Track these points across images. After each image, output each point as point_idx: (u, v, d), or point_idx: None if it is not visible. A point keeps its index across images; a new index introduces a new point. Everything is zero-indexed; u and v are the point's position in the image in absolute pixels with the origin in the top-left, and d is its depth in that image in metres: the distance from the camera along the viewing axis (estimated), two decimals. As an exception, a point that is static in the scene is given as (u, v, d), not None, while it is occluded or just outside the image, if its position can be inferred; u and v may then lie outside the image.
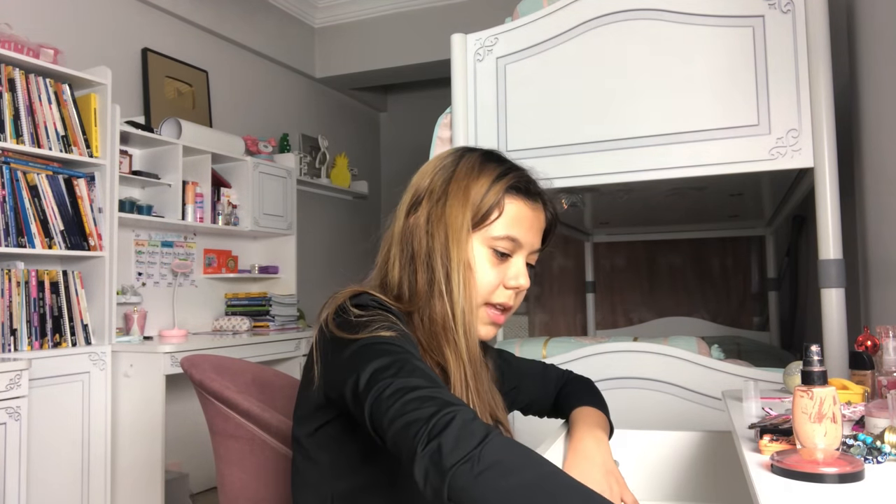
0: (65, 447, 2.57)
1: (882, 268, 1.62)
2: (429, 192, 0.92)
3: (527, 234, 0.92)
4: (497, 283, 0.90)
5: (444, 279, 0.87)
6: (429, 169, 0.96)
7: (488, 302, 0.91)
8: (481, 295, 0.90)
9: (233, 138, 3.69)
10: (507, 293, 0.91)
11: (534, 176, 0.98)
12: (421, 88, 5.35)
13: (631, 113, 1.85)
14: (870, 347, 1.12)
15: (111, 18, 3.33)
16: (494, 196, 0.90)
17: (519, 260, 0.92)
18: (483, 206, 0.90)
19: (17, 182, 2.53)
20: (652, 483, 1.34)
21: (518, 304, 0.93)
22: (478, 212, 0.90)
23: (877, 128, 1.65)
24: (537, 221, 0.94)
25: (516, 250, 0.91)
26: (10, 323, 2.49)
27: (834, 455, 0.70)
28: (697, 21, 1.79)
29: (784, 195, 2.44)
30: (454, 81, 2.07)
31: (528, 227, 0.92)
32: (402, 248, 0.92)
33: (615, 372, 1.91)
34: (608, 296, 4.36)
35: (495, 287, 0.90)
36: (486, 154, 0.96)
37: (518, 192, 0.92)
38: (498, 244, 0.90)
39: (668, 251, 4.25)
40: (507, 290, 0.91)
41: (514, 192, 0.92)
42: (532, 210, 0.93)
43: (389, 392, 0.68)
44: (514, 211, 0.91)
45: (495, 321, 0.92)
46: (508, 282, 0.91)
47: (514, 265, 0.91)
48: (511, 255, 0.91)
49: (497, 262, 0.90)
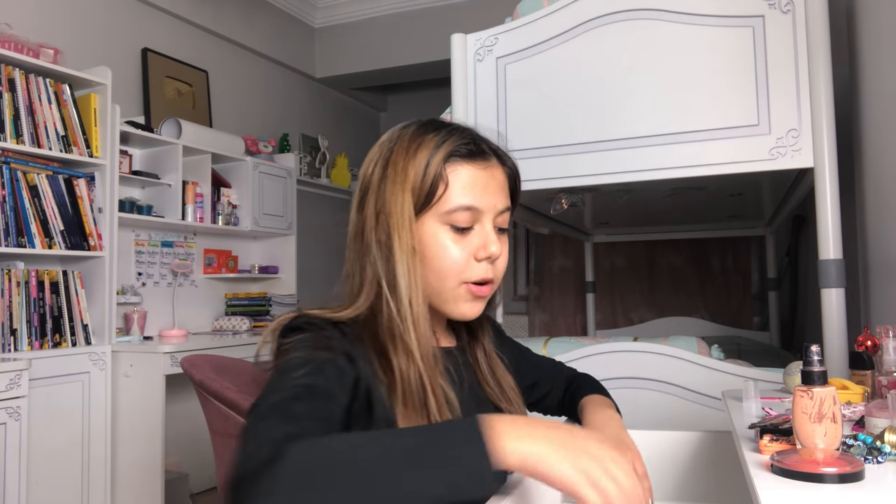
0: (65, 447, 2.57)
1: (882, 268, 1.62)
2: (370, 181, 0.85)
3: (482, 197, 0.83)
4: (466, 258, 0.83)
5: (386, 272, 0.81)
6: (370, 156, 0.88)
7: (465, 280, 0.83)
8: (453, 275, 0.82)
9: (233, 138, 3.69)
10: (482, 266, 0.83)
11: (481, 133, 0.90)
12: (421, 88, 5.35)
13: (631, 113, 1.85)
14: (870, 347, 1.12)
15: (111, 18, 3.33)
16: (435, 168, 0.82)
17: (483, 228, 0.83)
18: (426, 183, 0.82)
19: (17, 182, 2.53)
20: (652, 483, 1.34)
21: (500, 273, 0.86)
22: (422, 190, 0.82)
23: (877, 128, 1.65)
24: (493, 180, 0.85)
25: (477, 219, 0.83)
26: (10, 323, 2.49)
27: (834, 455, 0.70)
28: (697, 21, 1.79)
29: (784, 195, 2.44)
30: (454, 81, 2.07)
31: (482, 189, 0.83)
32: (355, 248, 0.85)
33: (615, 372, 1.91)
34: (608, 296, 4.36)
35: (466, 263, 0.82)
36: (421, 126, 0.87)
37: (462, 157, 0.83)
38: (454, 218, 0.82)
39: (668, 251, 4.25)
40: (479, 264, 0.83)
41: (458, 158, 0.83)
42: (484, 170, 0.84)
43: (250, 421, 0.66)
44: (463, 177, 0.83)
45: (478, 295, 0.84)
46: (478, 253, 0.83)
47: (479, 235, 0.83)
48: (473, 226, 0.83)
49: (461, 237, 0.82)
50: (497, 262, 0.85)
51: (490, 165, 0.85)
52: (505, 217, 0.86)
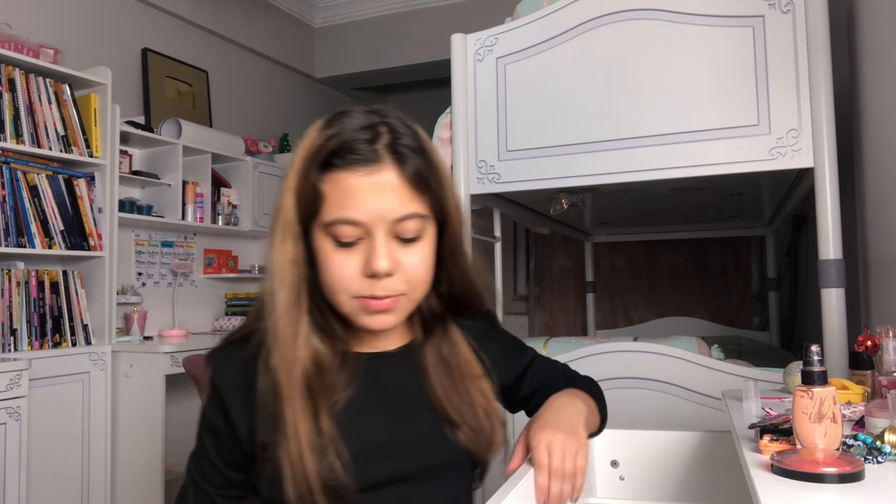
0: (65, 447, 2.57)
1: (882, 268, 1.62)
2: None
3: (361, 208, 0.74)
4: (352, 273, 0.75)
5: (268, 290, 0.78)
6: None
7: (355, 296, 0.76)
8: (340, 290, 0.76)
9: (233, 138, 3.69)
10: (370, 282, 0.75)
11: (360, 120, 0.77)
12: (421, 88, 5.34)
13: (631, 113, 1.84)
14: (870, 347, 1.12)
15: (111, 18, 3.33)
16: (311, 177, 0.76)
17: (372, 241, 0.75)
18: (305, 192, 0.76)
19: (17, 182, 2.53)
20: (652, 483, 1.34)
21: (408, 284, 0.77)
22: (305, 199, 0.76)
23: (877, 128, 1.64)
24: (375, 187, 0.74)
25: (364, 232, 0.75)
26: (10, 323, 2.49)
27: (834, 455, 0.70)
28: (697, 21, 1.78)
29: (784, 195, 2.44)
30: (454, 81, 2.07)
31: (360, 200, 0.74)
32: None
33: (615, 372, 1.91)
34: (608, 296, 4.36)
35: (351, 279, 0.75)
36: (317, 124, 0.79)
37: (334, 167, 0.75)
38: (334, 232, 0.75)
39: (668, 251, 4.25)
40: (368, 279, 0.75)
41: (334, 167, 0.75)
42: (367, 176, 0.74)
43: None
44: (340, 187, 0.74)
45: (376, 309, 0.77)
46: (364, 269, 0.75)
47: (365, 248, 0.75)
48: (359, 240, 0.75)
49: (346, 252, 0.75)
50: (401, 274, 0.76)
51: (375, 170, 0.74)
52: (409, 225, 0.76)
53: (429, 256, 0.79)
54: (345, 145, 0.75)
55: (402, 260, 0.76)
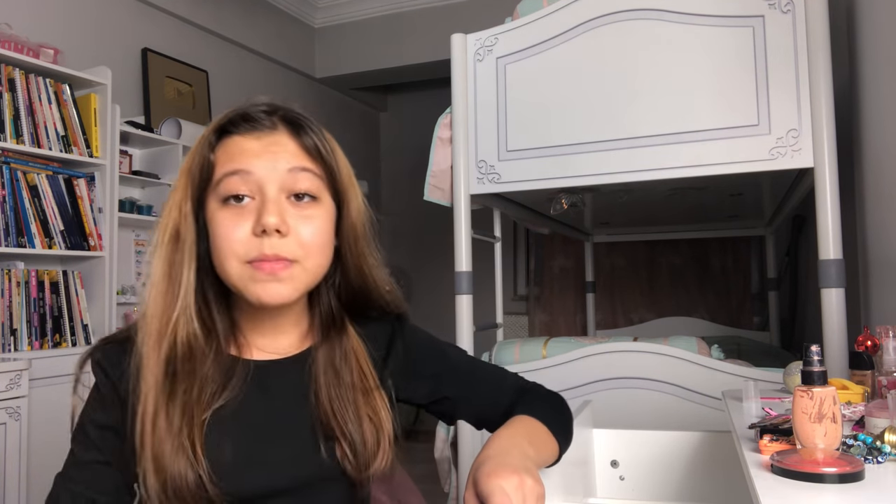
0: (65, 447, 2.56)
1: (882, 268, 1.62)
2: None
3: (254, 160, 0.73)
4: (243, 234, 0.73)
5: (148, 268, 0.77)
6: None
7: (246, 259, 0.73)
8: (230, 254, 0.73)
9: (233, 138, 3.69)
10: (256, 242, 0.72)
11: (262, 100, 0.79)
12: (421, 88, 5.34)
13: (631, 113, 1.85)
14: (870, 347, 1.12)
15: (111, 18, 3.33)
16: (205, 149, 0.76)
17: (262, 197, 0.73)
18: (202, 167, 0.75)
19: (17, 182, 2.53)
20: (652, 483, 1.34)
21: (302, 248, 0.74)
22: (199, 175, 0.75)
23: (877, 128, 1.65)
24: (270, 146, 0.75)
25: (249, 188, 0.73)
26: (10, 323, 2.49)
27: (834, 455, 0.70)
28: (697, 21, 1.79)
29: (784, 195, 2.44)
30: (454, 81, 2.07)
31: (254, 154, 0.74)
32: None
33: (615, 372, 1.91)
34: (608, 296, 4.36)
35: (241, 240, 0.73)
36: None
37: (230, 132, 0.76)
38: (223, 188, 0.74)
39: (668, 251, 4.25)
40: (259, 239, 0.72)
41: (227, 134, 0.76)
42: (258, 139, 0.75)
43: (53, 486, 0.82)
44: (230, 149, 0.75)
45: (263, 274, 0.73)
46: (255, 228, 0.72)
47: (256, 208, 0.73)
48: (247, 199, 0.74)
49: (236, 212, 0.73)
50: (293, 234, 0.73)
51: (268, 134, 0.75)
52: (303, 180, 0.75)
53: (325, 228, 0.77)
54: (241, 115, 0.77)
55: (294, 223, 0.74)
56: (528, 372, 1.99)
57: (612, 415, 1.83)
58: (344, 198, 0.80)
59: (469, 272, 2.07)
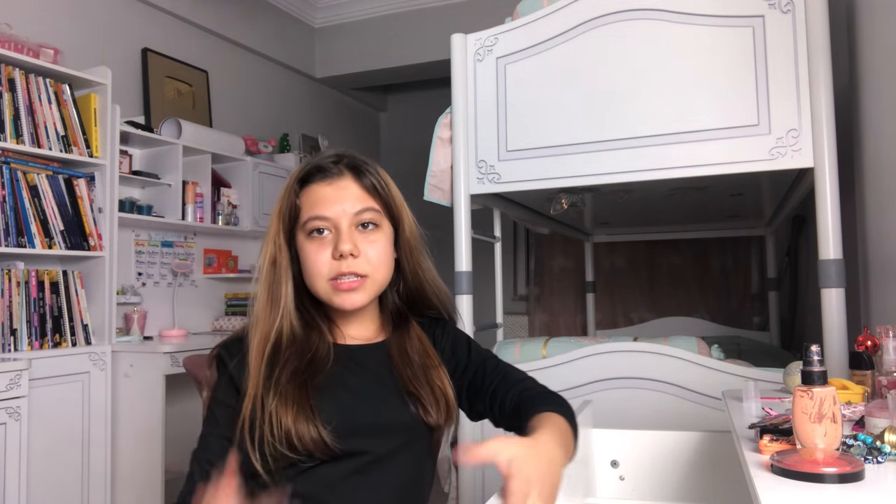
0: (65, 447, 2.57)
1: (882, 268, 1.62)
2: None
3: (329, 205, 0.98)
4: (325, 259, 0.97)
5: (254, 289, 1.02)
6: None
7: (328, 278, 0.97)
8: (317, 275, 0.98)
9: (233, 138, 3.69)
10: (336, 263, 0.96)
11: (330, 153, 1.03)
12: (421, 88, 5.34)
13: (631, 113, 1.85)
14: (870, 347, 1.12)
15: (111, 18, 3.33)
16: (291, 196, 1.00)
17: (338, 231, 0.97)
18: (288, 208, 1.00)
19: (17, 182, 2.53)
20: (652, 483, 1.34)
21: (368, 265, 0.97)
22: (289, 215, 1.00)
23: (877, 128, 1.65)
24: (339, 190, 0.99)
25: (328, 225, 0.98)
26: (10, 323, 2.49)
27: (834, 455, 0.70)
28: (697, 21, 1.79)
29: (784, 195, 2.44)
30: (454, 81, 2.07)
31: (329, 200, 0.98)
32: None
33: (615, 372, 1.91)
34: (608, 296, 4.36)
35: (325, 264, 0.97)
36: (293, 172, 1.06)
37: (309, 182, 1.01)
38: (309, 227, 0.98)
39: (668, 251, 4.25)
40: (337, 261, 0.96)
41: (307, 183, 1.01)
42: (329, 185, 0.99)
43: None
44: (311, 196, 1.00)
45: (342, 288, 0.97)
46: (334, 253, 0.97)
47: (334, 239, 0.97)
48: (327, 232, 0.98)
49: (318, 244, 0.98)
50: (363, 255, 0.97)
51: (336, 180, 1.00)
52: (367, 215, 0.99)
53: (386, 247, 1.01)
54: (315, 167, 1.01)
55: (363, 246, 0.98)
56: (528, 372, 1.98)
57: (612, 415, 1.83)
58: (399, 221, 1.04)
59: (469, 272, 2.07)
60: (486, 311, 2.59)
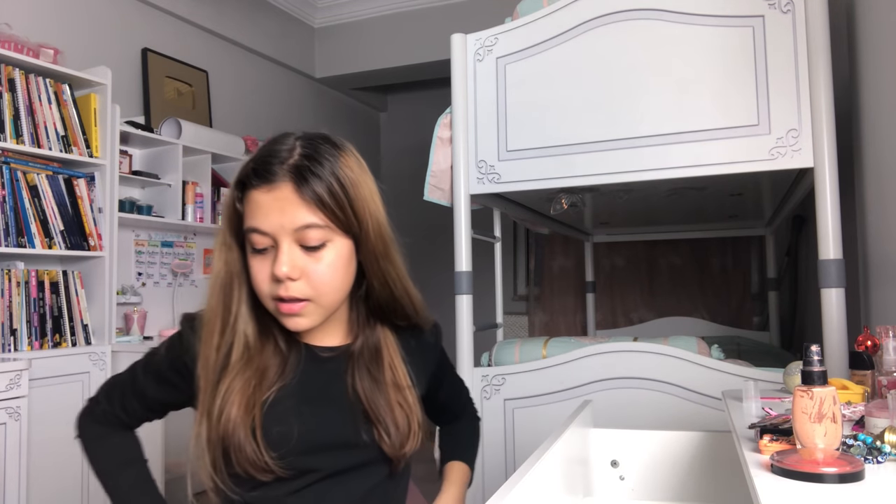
0: (65, 447, 2.56)
1: (882, 268, 1.62)
2: None
3: (266, 217, 0.84)
4: (266, 277, 0.86)
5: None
6: None
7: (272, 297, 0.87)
8: (261, 293, 0.88)
9: (233, 138, 3.69)
10: (276, 285, 0.85)
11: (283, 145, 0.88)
12: (421, 88, 5.34)
13: (631, 113, 1.85)
14: (870, 347, 1.12)
15: (111, 18, 3.33)
16: (233, 196, 0.89)
17: (278, 248, 0.85)
18: (231, 219, 0.90)
19: (17, 182, 2.53)
20: (652, 483, 1.34)
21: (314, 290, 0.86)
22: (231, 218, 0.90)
23: (877, 128, 1.65)
24: (277, 202, 0.84)
25: (266, 241, 0.85)
26: (10, 323, 2.49)
27: (834, 455, 0.70)
28: (697, 21, 1.79)
29: (784, 195, 2.44)
30: (454, 81, 2.07)
31: (265, 212, 0.84)
32: None
33: (615, 372, 1.91)
34: (608, 296, 4.36)
35: (267, 282, 0.86)
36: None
37: (248, 186, 0.87)
38: (250, 241, 0.87)
39: (668, 251, 4.25)
40: (277, 283, 0.85)
41: (248, 186, 0.87)
42: (267, 193, 0.84)
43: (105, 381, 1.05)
44: (250, 203, 0.86)
45: (285, 312, 0.87)
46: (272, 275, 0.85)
47: (274, 255, 0.86)
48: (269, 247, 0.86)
49: (261, 258, 0.86)
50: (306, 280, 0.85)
51: (275, 187, 0.84)
52: (310, 234, 0.84)
53: (336, 266, 0.87)
54: (253, 169, 0.87)
55: (307, 267, 0.85)
56: (528, 372, 1.99)
57: (612, 415, 1.83)
58: (360, 228, 0.88)
59: (469, 272, 2.07)
60: (485, 311, 2.59)
